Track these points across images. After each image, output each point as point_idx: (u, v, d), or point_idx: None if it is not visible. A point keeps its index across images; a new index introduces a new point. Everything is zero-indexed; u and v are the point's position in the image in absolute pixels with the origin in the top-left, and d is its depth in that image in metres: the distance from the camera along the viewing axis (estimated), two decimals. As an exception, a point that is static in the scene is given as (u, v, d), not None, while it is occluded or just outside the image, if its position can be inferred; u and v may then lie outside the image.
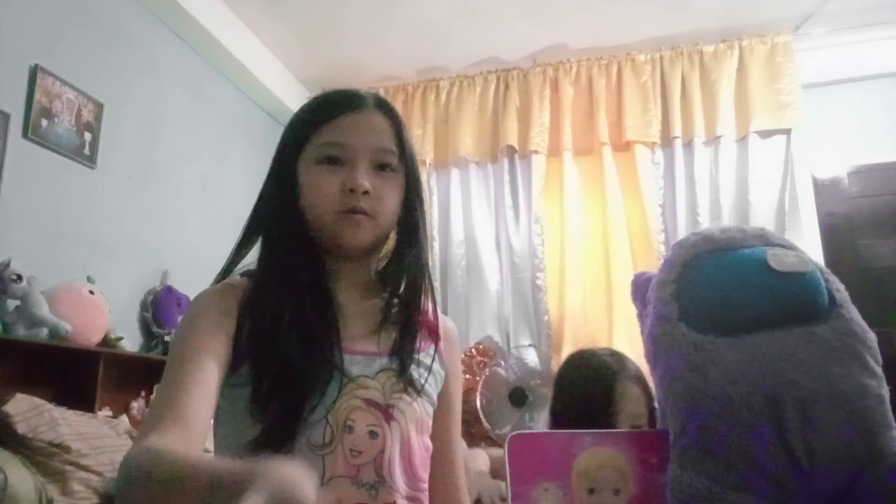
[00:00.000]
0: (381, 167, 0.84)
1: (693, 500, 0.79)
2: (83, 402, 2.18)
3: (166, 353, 2.68)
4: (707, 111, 3.56)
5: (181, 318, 0.82)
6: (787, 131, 3.47)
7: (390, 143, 0.84)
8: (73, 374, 2.29)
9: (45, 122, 2.38)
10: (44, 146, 2.38)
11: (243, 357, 0.76)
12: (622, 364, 1.34)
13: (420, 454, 0.81)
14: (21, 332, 2.08)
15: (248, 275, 0.84)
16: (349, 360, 0.80)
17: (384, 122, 0.85)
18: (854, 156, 3.49)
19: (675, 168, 3.55)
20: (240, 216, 0.90)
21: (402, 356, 0.82)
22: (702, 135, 3.54)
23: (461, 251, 3.74)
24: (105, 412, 2.32)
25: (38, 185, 2.36)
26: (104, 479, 1.70)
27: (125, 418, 2.32)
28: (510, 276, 3.65)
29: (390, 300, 0.86)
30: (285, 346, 0.76)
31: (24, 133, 2.29)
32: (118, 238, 2.72)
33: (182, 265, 2.92)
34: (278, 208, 0.85)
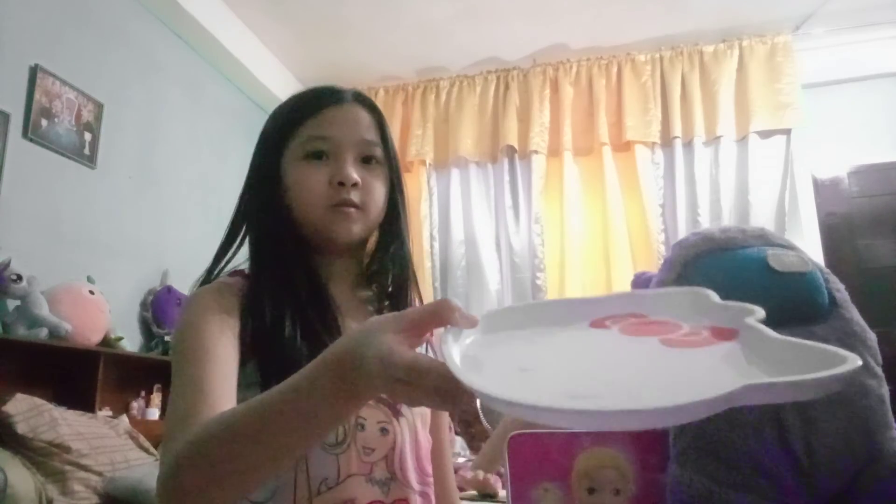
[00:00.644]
0: (366, 160, 0.83)
1: (693, 500, 0.79)
2: (83, 402, 2.18)
3: (166, 353, 2.70)
4: (707, 111, 3.56)
5: (179, 320, 0.77)
6: (787, 131, 3.48)
7: (374, 136, 0.84)
8: (73, 374, 2.29)
9: (45, 122, 2.38)
10: (44, 146, 2.38)
11: (247, 355, 0.74)
12: None
13: (426, 448, 0.81)
14: (21, 332, 2.09)
15: (240, 274, 0.83)
16: None
17: (366, 115, 0.85)
18: (854, 156, 3.49)
19: (675, 168, 3.55)
20: (232, 220, 0.90)
21: None
22: (702, 135, 3.54)
23: (461, 251, 3.74)
24: (105, 412, 2.32)
25: (38, 185, 2.36)
26: (104, 479, 1.70)
27: (125, 418, 2.32)
28: (510, 276, 3.65)
29: (380, 292, 0.86)
30: (291, 345, 0.74)
31: (24, 133, 2.30)
32: (118, 238, 2.72)
33: (182, 265, 2.92)
34: (264, 207, 0.84)
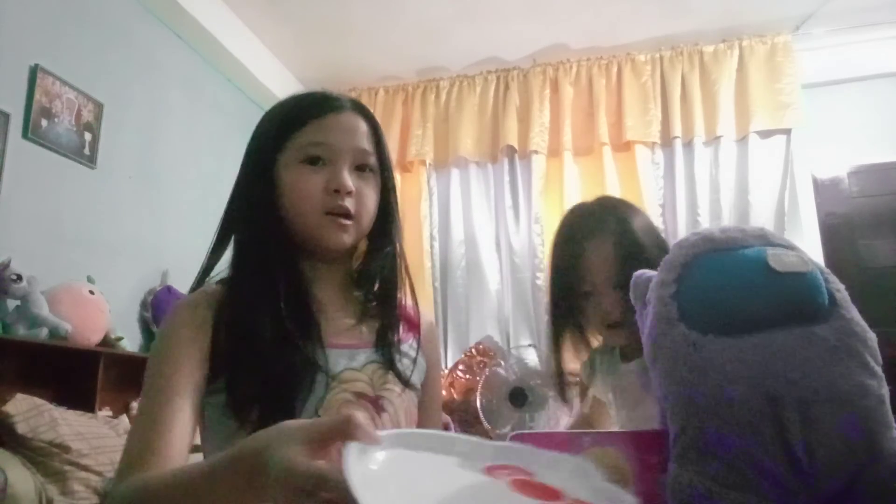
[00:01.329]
0: (360, 168, 0.85)
1: (693, 500, 0.79)
2: (83, 402, 2.18)
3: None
4: (707, 111, 3.56)
5: (158, 330, 0.81)
6: (787, 131, 3.48)
7: (369, 145, 0.86)
8: (73, 374, 2.29)
9: (45, 122, 2.38)
10: (44, 146, 2.38)
11: (220, 367, 0.76)
12: (601, 218, 1.13)
13: None
14: (21, 332, 2.09)
15: (224, 282, 0.84)
16: (335, 353, 0.80)
17: (363, 124, 0.87)
18: (854, 156, 3.49)
19: (675, 168, 3.55)
20: (223, 221, 0.90)
21: (386, 348, 0.83)
22: (702, 135, 3.54)
23: (461, 251, 3.74)
24: (105, 412, 2.32)
25: (38, 185, 2.36)
26: (104, 479, 1.70)
27: (125, 418, 2.32)
28: (510, 276, 3.65)
29: (368, 294, 0.88)
30: (263, 351, 0.76)
31: (24, 133, 2.29)
32: (118, 238, 2.72)
33: (182, 265, 2.91)
34: (255, 208, 0.85)
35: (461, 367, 3.31)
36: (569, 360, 1.24)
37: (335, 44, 3.67)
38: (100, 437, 1.83)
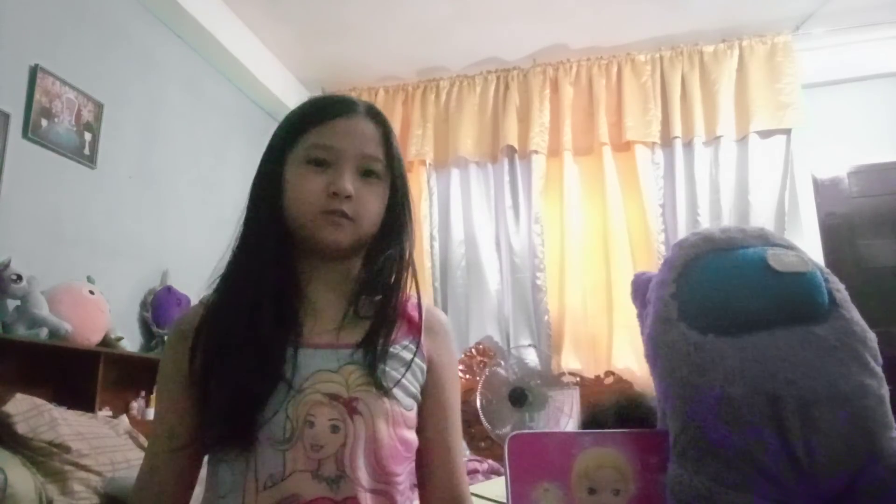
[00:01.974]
0: (366, 173, 0.85)
1: (693, 500, 0.79)
2: (83, 401, 2.18)
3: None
4: (707, 111, 3.56)
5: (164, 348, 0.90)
6: (787, 131, 3.48)
7: (377, 151, 0.86)
8: (73, 374, 2.29)
9: (45, 122, 2.38)
10: (44, 146, 2.38)
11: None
12: None
13: (391, 447, 0.80)
14: (21, 332, 2.08)
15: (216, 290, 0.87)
16: (310, 353, 0.80)
17: (373, 130, 0.87)
18: (854, 156, 3.49)
19: (675, 168, 3.55)
20: (240, 216, 0.91)
21: (369, 348, 0.82)
22: (702, 135, 3.54)
23: (461, 251, 3.74)
24: (105, 412, 2.32)
25: (38, 185, 2.36)
26: (104, 479, 1.70)
27: (125, 418, 2.32)
28: (510, 276, 3.65)
29: (358, 295, 0.87)
30: (232, 351, 0.78)
31: (24, 133, 2.29)
32: (118, 238, 2.72)
33: (182, 265, 2.92)
34: (259, 203, 0.87)
35: (461, 367, 3.31)
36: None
37: (335, 44, 3.67)
38: (100, 437, 1.82)
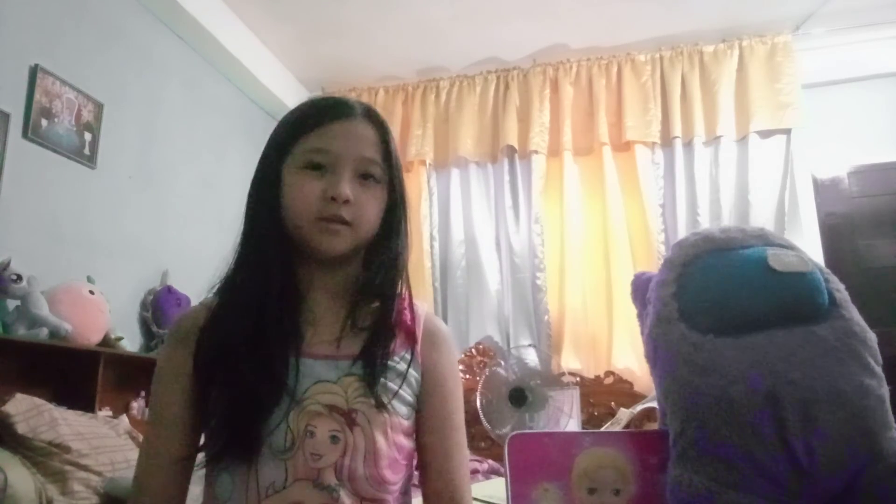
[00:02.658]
0: (364, 177, 0.85)
1: (693, 500, 0.79)
2: (83, 402, 2.18)
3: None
4: (707, 111, 3.56)
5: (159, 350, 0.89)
6: (787, 131, 3.48)
7: (375, 154, 0.85)
8: (73, 374, 2.29)
9: (45, 122, 2.38)
10: (44, 146, 2.38)
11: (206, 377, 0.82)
12: None
13: (389, 457, 0.80)
14: (21, 332, 2.08)
15: (218, 292, 0.87)
16: (310, 364, 0.80)
17: (371, 132, 0.86)
18: (854, 156, 3.49)
19: (675, 168, 3.55)
20: (239, 216, 0.90)
21: (368, 361, 0.82)
22: (702, 135, 3.54)
23: (461, 251, 3.74)
24: (105, 412, 2.32)
25: (38, 185, 2.36)
26: (104, 479, 1.69)
27: (125, 418, 2.32)
28: (510, 276, 3.65)
29: (357, 304, 0.86)
30: (236, 359, 0.78)
31: (24, 133, 2.29)
32: (118, 238, 2.72)
33: (182, 265, 2.92)
34: (259, 209, 0.86)
35: (461, 367, 3.31)
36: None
37: (335, 44, 3.67)
38: (100, 437, 1.82)
